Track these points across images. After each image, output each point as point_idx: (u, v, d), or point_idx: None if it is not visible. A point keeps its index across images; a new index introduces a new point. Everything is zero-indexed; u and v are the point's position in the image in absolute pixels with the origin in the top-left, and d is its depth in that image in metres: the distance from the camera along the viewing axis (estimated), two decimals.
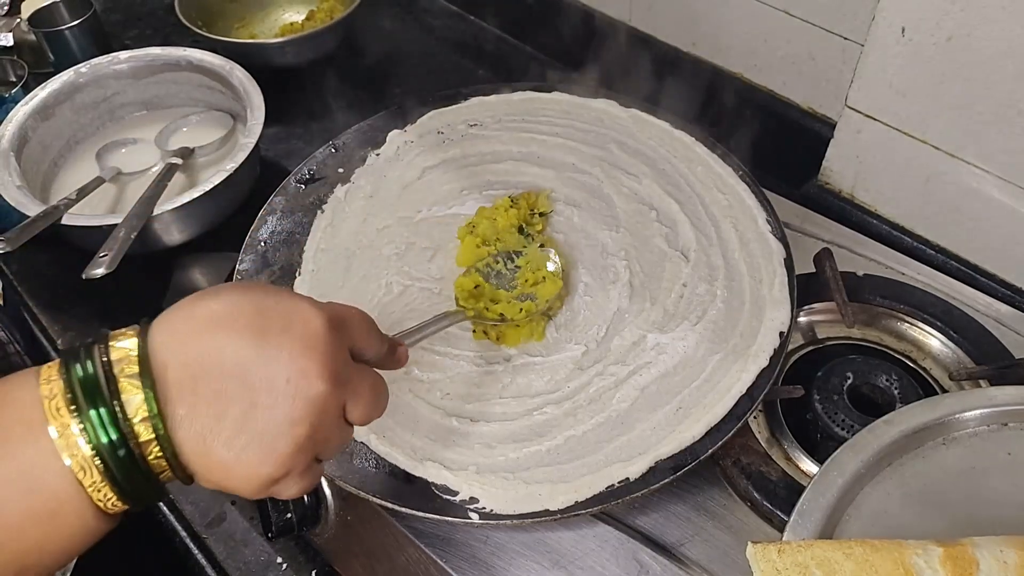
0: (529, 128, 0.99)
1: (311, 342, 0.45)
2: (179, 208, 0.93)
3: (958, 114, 0.82)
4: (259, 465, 0.44)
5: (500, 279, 0.82)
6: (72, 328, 0.94)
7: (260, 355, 0.44)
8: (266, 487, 0.46)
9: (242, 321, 0.44)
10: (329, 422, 0.47)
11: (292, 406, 0.44)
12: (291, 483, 0.47)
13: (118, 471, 0.42)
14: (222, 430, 0.43)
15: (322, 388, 0.45)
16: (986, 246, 0.89)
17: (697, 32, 1.08)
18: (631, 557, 0.70)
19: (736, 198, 0.89)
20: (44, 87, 1.06)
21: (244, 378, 0.43)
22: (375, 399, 0.51)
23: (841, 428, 0.74)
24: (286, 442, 0.45)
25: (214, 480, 0.45)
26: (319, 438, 0.47)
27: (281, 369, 0.44)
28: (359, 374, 0.50)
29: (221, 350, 0.44)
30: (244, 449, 0.44)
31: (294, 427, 0.45)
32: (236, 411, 0.43)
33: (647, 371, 0.76)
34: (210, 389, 0.43)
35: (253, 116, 1.01)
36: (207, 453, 0.43)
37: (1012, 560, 0.54)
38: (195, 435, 0.43)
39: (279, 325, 0.45)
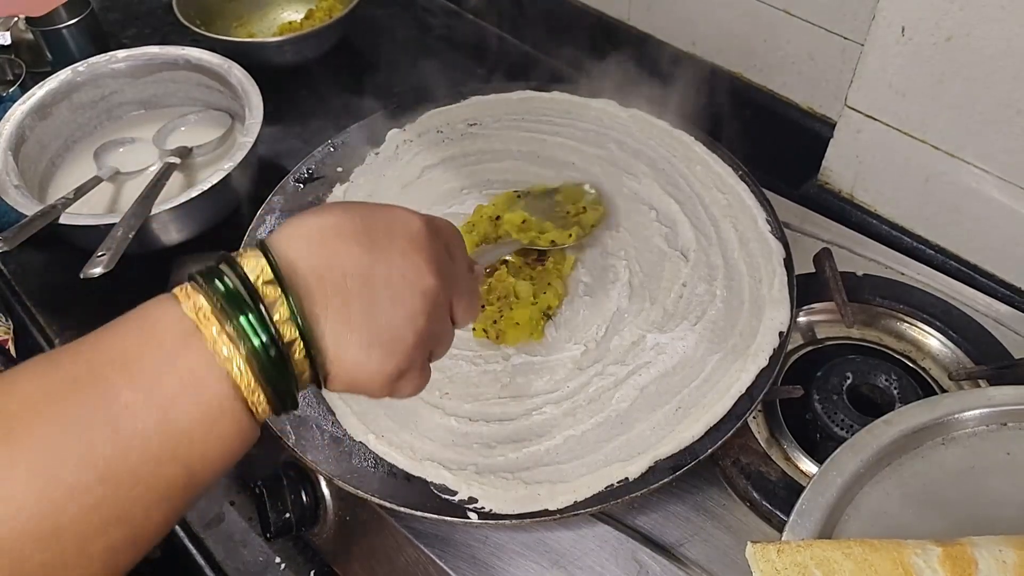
0: (529, 127, 0.99)
1: (416, 242, 0.48)
2: (177, 207, 0.92)
3: (958, 114, 0.82)
4: (387, 357, 0.47)
5: (543, 213, 0.85)
6: (70, 328, 0.94)
7: (374, 257, 0.47)
8: (392, 381, 0.48)
9: (352, 230, 0.47)
10: (441, 316, 0.50)
11: (411, 299, 0.47)
12: (411, 379, 0.50)
13: (271, 371, 0.43)
14: (352, 326, 0.45)
15: (433, 282, 0.48)
16: (986, 246, 0.89)
17: (696, 32, 1.08)
18: (630, 557, 0.70)
19: (736, 198, 0.89)
20: (42, 86, 1.06)
21: (365, 277, 0.46)
22: (473, 299, 0.55)
23: (840, 428, 0.74)
24: (409, 334, 0.47)
25: (346, 378, 0.47)
26: (434, 332, 0.49)
27: (395, 267, 0.47)
28: (459, 275, 0.53)
29: (340, 255, 0.46)
30: (372, 344, 0.46)
31: (415, 319, 0.47)
32: (362, 307, 0.46)
33: (646, 371, 0.76)
34: (336, 289, 0.45)
35: (251, 115, 1.01)
36: (339, 350, 0.45)
37: (1011, 560, 0.54)
38: (329, 332, 0.45)
39: (384, 230, 0.48)
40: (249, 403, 0.43)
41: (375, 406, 0.75)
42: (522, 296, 0.80)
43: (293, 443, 0.72)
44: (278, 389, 0.44)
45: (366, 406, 0.75)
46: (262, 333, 0.43)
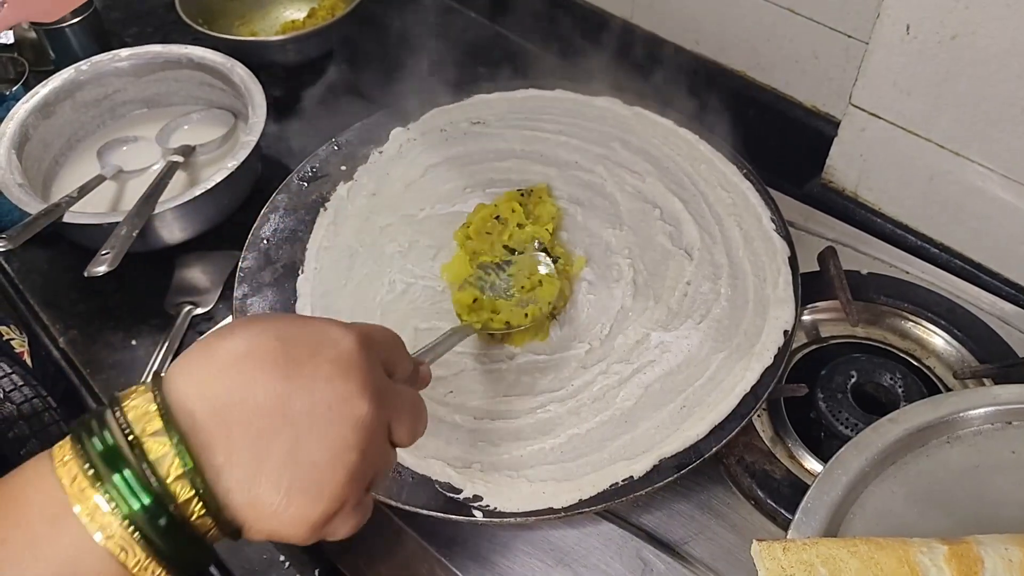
0: (532, 126, 0.99)
1: (345, 364, 0.43)
2: (181, 206, 0.92)
3: (963, 112, 0.82)
4: (313, 503, 0.41)
5: (495, 289, 0.80)
6: (74, 327, 0.94)
7: (294, 385, 0.41)
8: (320, 526, 0.42)
9: (267, 354, 0.41)
10: (377, 445, 0.44)
11: (339, 433, 0.41)
12: (344, 519, 0.44)
13: (162, 541, 0.38)
14: (267, 472, 0.40)
15: (366, 409, 0.42)
16: (990, 245, 0.89)
17: (700, 30, 1.08)
18: (635, 555, 0.70)
19: (740, 196, 0.89)
20: (45, 85, 1.06)
21: (282, 412, 0.40)
22: (417, 416, 0.49)
23: (845, 426, 0.74)
24: (338, 473, 0.41)
25: (264, 529, 0.41)
26: (369, 464, 0.44)
27: (320, 396, 0.41)
28: (398, 392, 0.47)
29: (251, 387, 0.40)
30: (292, 489, 0.40)
31: (345, 455, 0.42)
32: (279, 449, 0.40)
33: (651, 369, 0.76)
34: (246, 431, 0.40)
35: (255, 114, 1.01)
36: (254, 501, 0.40)
37: (1017, 558, 0.54)
38: (238, 483, 0.39)
39: (307, 351, 0.42)
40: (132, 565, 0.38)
41: None
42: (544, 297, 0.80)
43: None
44: (175, 559, 0.39)
45: None
46: (143, 496, 0.37)
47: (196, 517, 0.39)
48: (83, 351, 0.91)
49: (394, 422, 0.46)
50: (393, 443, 0.47)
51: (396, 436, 0.47)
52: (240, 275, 0.85)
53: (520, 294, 0.80)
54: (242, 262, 0.86)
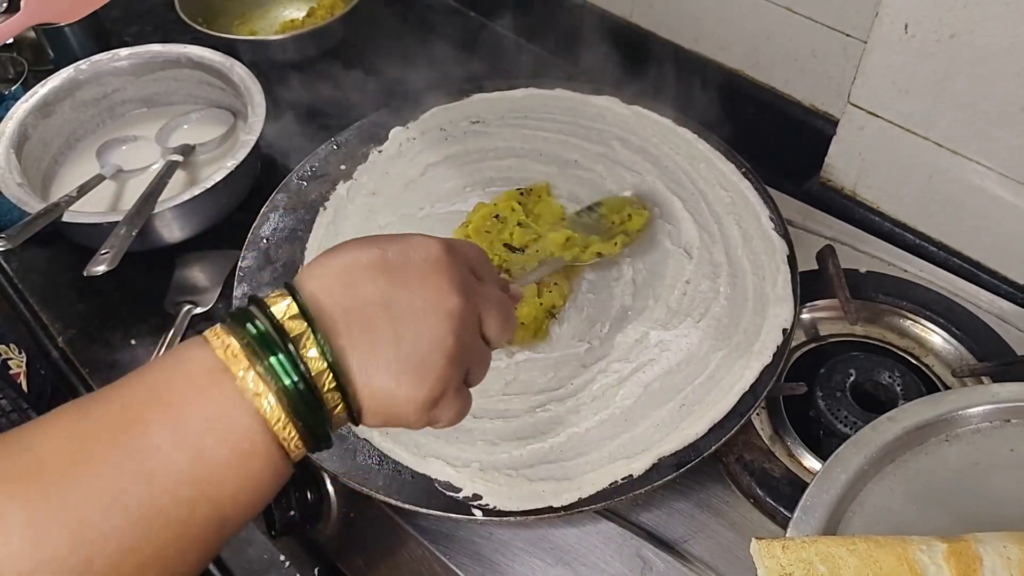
0: (531, 125, 0.99)
1: (433, 264, 0.48)
2: (180, 205, 0.92)
3: (961, 111, 0.82)
4: (419, 385, 0.47)
5: (588, 228, 0.84)
6: (73, 326, 0.94)
7: (394, 285, 0.47)
8: (427, 409, 0.48)
9: (370, 262, 0.47)
10: (470, 334, 0.50)
11: (436, 321, 0.47)
12: (448, 404, 0.49)
13: (301, 406, 0.43)
14: (379, 356, 0.45)
15: (456, 300, 0.48)
16: (989, 243, 0.89)
17: (699, 29, 1.08)
18: (634, 554, 0.70)
19: (739, 195, 0.89)
20: (44, 84, 1.06)
21: (387, 306, 0.46)
22: (506, 313, 0.53)
23: (844, 425, 0.74)
24: (438, 357, 0.47)
25: (380, 410, 0.47)
26: (465, 352, 0.49)
27: (416, 292, 0.47)
28: (487, 290, 0.52)
29: (361, 287, 0.46)
30: (402, 371, 0.46)
31: (442, 341, 0.47)
32: (387, 336, 0.46)
33: (650, 368, 0.76)
34: (361, 321, 0.45)
35: (254, 113, 1.01)
36: (369, 381, 0.45)
37: (1016, 556, 0.54)
38: (357, 364, 0.45)
39: (401, 258, 0.48)
40: (280, 439, 0.43)
41: None
42: (526, 295, 0.80)
43: None
44: (309, 424, 0.44)
45: None
46: (292, 372, 0.43)
47: (327, 389, 0.44)
48: (82, 351, 0.91)
49: (484, 315, 0.51)
50: (485, 338, 0.52)
51: (487, 329, 0.52)
52: (240, 274, 0.85)
53: (613, 227, 0.85)
54: (242, 261, 0.86)
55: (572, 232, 0.83)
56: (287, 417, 0.43)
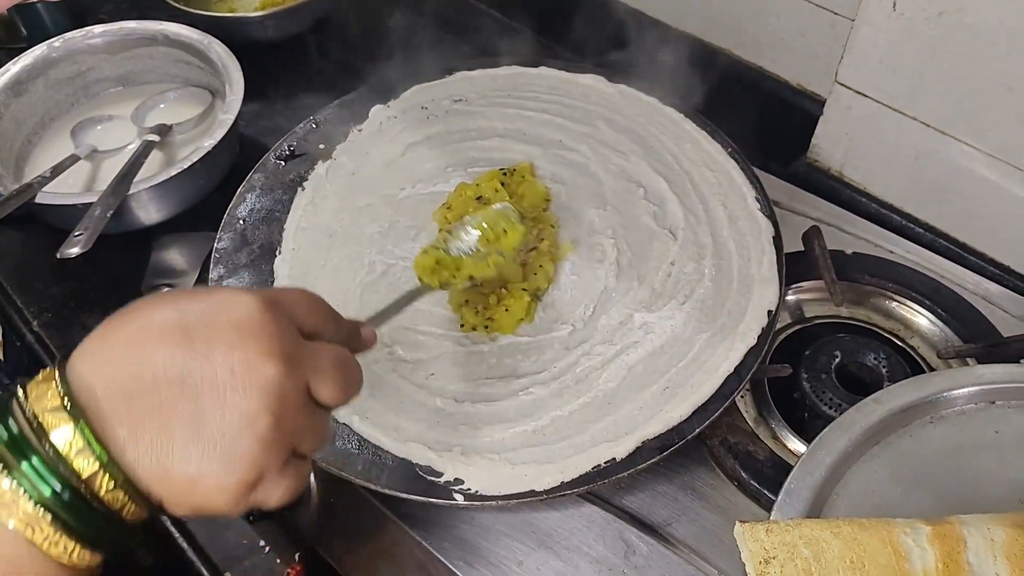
0: (515, 104, 0.97)
1: (246, 328, 0.41)
2: (156, 186, 0.91)
3: (949, 91, 0.81)
4: (225, 473, 0.40)
5: (460, 248, 0.74)
6: (48, 310, 0.92)
7: (193, 354, 0.40)
8: (242, 495, 0.41)
9: (164, 325, 0.41)
10: (294, 408, 0.43)
11: (244, 399, 0.40)
12: (272, 487, 0.43)
13: (71, 517, 0.38)
14: (173, 443, 0.39)
15: (271, 371, 0.41)
16: (975, 224, 0.89)
17: (686, 8, 1.06)
18: (618, 537, 0.69)
19: (725, 176, 0.88)
20: (16, 62, 1.04)
21: (183, 383, 0.40)
22: (344, 374, 0.46)
23: (829, 407, 0.74)
24: (248, 440, 0.40)
25: (184, 502, 0.41)
26: (286, 428, 0.42)
27: (220, 364, 0.40)
28: (316, 351, 0.45)
29: (151, 360, 0.40)
30: (204, 458, 0.39)
31: (253, 422, 0.40)
32: (183, 418, 0.39)
33: (634, 351, 0.75)
34: (149, 403, 0.39)
35: (232, 92, 0.99)
36: (164, 473, 0.39)
37: (999, 537, 0.54)
38: (144, 454, 0.39)
39: (204, 321, 0.41)
40: (55, 556, 0.38)
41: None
42: (513, 288, 0.78)
43: None
44: (86, 534, 0.39)
45: None
46: (51, 479, 0.37)
47: (106, 491, 0.39)
48: (58, 335, 0.90)
49: (314, 382, 0.44)
50: (320, 404, 0.45)
51: (320, 396, 0.45)
52: (216, 256, 0.83)
53: (485, 247, 0.75)
54: (218, 243, 0.84)
55: (440, 254, 0.73)
56: (55, 531, 0.38)
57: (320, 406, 0.46)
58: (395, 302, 0.65)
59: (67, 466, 0.38)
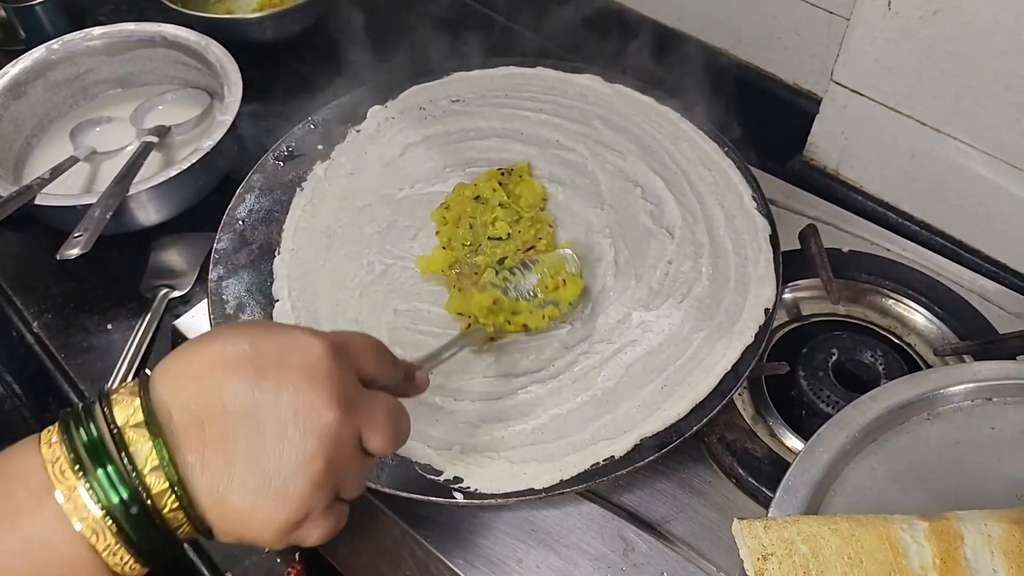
0: (512, 104, 0.98)
1: (313, 372, 0.43)
2: (155, 187, 0.91)
3: (944, 89, 0.81)
4: (276, 509, 0.42)
5: (519, 290, 0.77)
6: (48, 311, 0.92)
7: (261, 390, 0.42)
8: (287, 533, 0.43)
9: (238, 360, 0.43)
10: (346, 454, 0.44)
11: (303, 441, 0.42)
12: (313, 526, 0.45)
13: (133, 530, 0.40)
14: (234, 474, 0.41)
15: (332, 418, 0.43)
16: (971, 222, 0.89)
17: (682, 7, 1.07)
18: (616, 535, 0.69)
19: (722, 175, 0.88)
20: (15, 64, 1.04)
21: (250, 417, 0.41)
22: (394, 425, 0.48)
23: (826, 404, 0.74)
24: (301, 480, 0.42)
25: (232, 531, 0.43)
26: (336, 472, 0.44)
27: (286, 403, 0.42)
28: (372, 400, 0.47)
29: (223, 391, 0.42)
30: (258, 492, 0.41)
31: (308, 463, 0.42)
32: (245, 453, 0.41)
33: (632, 349, 0.75)
34: (217, 432, 0.41)
35: (230, 93, 0.99)
36: (222, 501, 0.41)
37: (996, 533, 0.54)
38: (208, 482, 0.41)
39: (275, 360, 0.43)
40: (111, 565, 0.40)
41: None
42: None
43: None
44: (143, 548, 0.40)
45: None
46: (121, 489, 0.39)
47: (169, 510, 0.40)
48: (58, 335, 0.90)
49: (366, 431, 0.46)
50: (368, 451, 0.47)
51: (370, 445, 0.47)
52: (215, 257, 0.83)
53: (544, 294, 0.77)
54: (217, 243, 0.84)
55: (500, 295, 0.75)
56: (117, 542, 0.39)
57: (367, 454, 0.47)
58: (446, 345, 0.66)
59: (141, 480, 0.40)
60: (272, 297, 0.81)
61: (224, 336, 0.44)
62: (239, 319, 0.79)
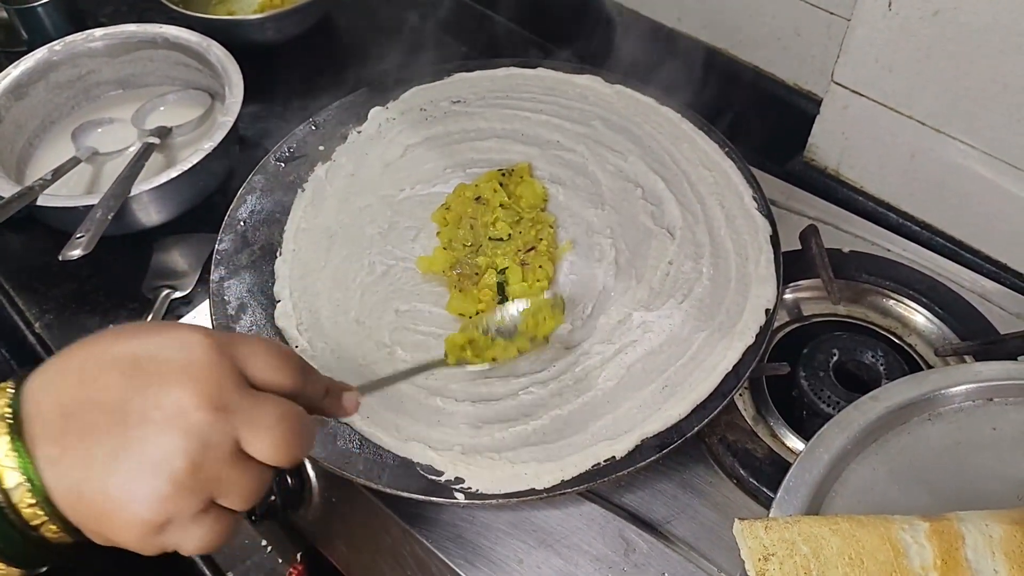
0: (513, 105, 0.98)
1: (189, 369, 0.42)
2: (157, 188, 0.91)
3: (944, 89, 0.82)
4: (134, 508, 0.40)
5: (501, 331, 0.75)
6: (50, 311, 0.92)
7: (133, 386, 0.41)
8: (150, 535, 0.41)
9: (119, 357, 0.42)
10: (218, 457, 0.42)
11: (168, 438, 0.40)
12: (184, 532, 0.42)
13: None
14: (93, 469, 0.40)
15: (199, 417, 0.41)
16: (971, 222, 0.89)
17: (682, 7, 1.07)
18: (617, 535, 0.69)
19: (722, 175, 0.88)
20: (17, 66, 1.04)
21: (118, 411, 0.40)
22: (286, 432, 0.44)
23: (827, 405, 0.74)
24: (161, 480, 0.40)
25: (97, 530, 0.41)
26: (207, 476, 0.41)
27: (154, 400, 0.41)
28: (257, 403, 0.44)
29: (95, 386, 0.41)
30: (117, 489, 0.40)
31: (170, 462, 0.40)
32: (107, 447, 0.40)
33: (633, 349, 0.76)
34: (81, 425, 0.40)
35: (231, 94, 1.00)
36: (80, 496, 0.40)
37: (997, 534, 0.54)
38: (65, 476, 0.40)
39: (154, 355, 0.42)
40: None
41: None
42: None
43: None
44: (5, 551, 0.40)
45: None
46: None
47: (26, 506, 0.40)
48: (59, 336, 0.90)
49: (247, 434, 0.43)
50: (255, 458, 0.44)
51: (252, 450, 0.43)
52: (217, 258, 0.83)
53: (526, 331, 0.75)
54: (219, 244, 0.85)
55: (478, 335, 0.74)
56: None
57: (257, 462, 0.44)
58: (398, 373, 0.66)
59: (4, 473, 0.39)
60: (274, 298, 0.81)
61: (111, 335, 0.43)
62: (240, 320, 0.79)
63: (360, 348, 0.77)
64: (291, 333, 0.78)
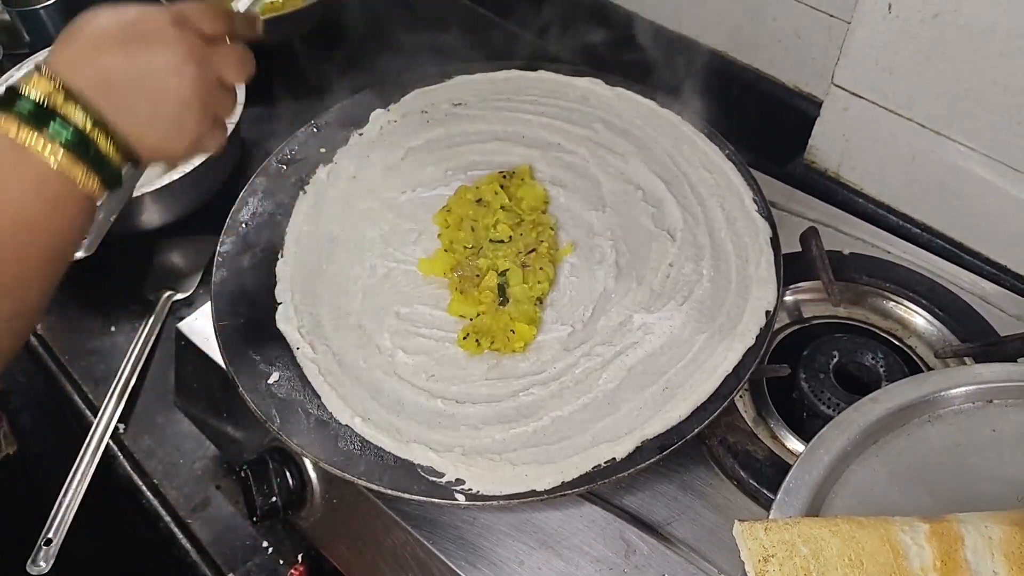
0: (514, 107, 0.98)
1: (166, 40, 0.58)
2: (159, 190, 0.92)
3: (944, 91, 0.82)
4: (179, 138, 0.60)
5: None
6: (51, 313, 0.93)
7: (135, 60, 0.56)
8: (192, 148, 0.61)
9: (112, 40, 0.57)
10: (211, 91, 0.60)
11: (179, 89, 0.58)
12: (209, 138, 0.62)
13: (81, 150, 0.54)
14: (142, 124, 0.57)
15: (192, 69, 0.58)
16: (971, 224, 0.89)
17: (682, 10, 1.07)
18: (618, 536, 0.70)
19: (723, 177, 0.88)
20: (19, 68, 1.05)
21: (141, 83, 0.57)
22: (241, 64, 0.63)
23: (827, 406, 0.74)
24: (188, 116, 0.59)
25: (153, 156, 0.60)
26: (210, 103, 0.60)
27: (155, 66, 0.57)
28: (221, 52, 0.61)
29: (108, 65, 0.56)
30: (163, 131, 0.58)
31: (189, 104, 0.59)
32: (145, 108, 0.57)
33: (633, 351, 0.76)
34: (120, 97, 0.56)
35: None
36: (141, 140, 0.57)
37: (997, 535, 0.54)
38: (124, 130, 0.56)
39: (137, 34, 0.57)
40: (78, 182, 0.54)
41: (360, 389, 0.74)
42: (520, 298, 0.79)
43: (278, 427, 0.72)
44: (94, 164, 0.54)
45: (351, 389, 0.74)
46: (68, 132, 0.53)
47: (100, 138, 0.55)
48: (61, 338, 0.91)
49: (221, 70, 0.61)
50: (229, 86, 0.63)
51: (227, 78, 0.62)
52: (218, 260, 0.84)
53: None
54: (220, 246, 0.85)
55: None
56: (75, 163, 0.53)
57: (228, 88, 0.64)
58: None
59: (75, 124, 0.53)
60: (275, 300, 0.81)
61: (99, 21, 0.57)
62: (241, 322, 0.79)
63: (362, 350, 0.77)
64: (292, 336, 0.78)
